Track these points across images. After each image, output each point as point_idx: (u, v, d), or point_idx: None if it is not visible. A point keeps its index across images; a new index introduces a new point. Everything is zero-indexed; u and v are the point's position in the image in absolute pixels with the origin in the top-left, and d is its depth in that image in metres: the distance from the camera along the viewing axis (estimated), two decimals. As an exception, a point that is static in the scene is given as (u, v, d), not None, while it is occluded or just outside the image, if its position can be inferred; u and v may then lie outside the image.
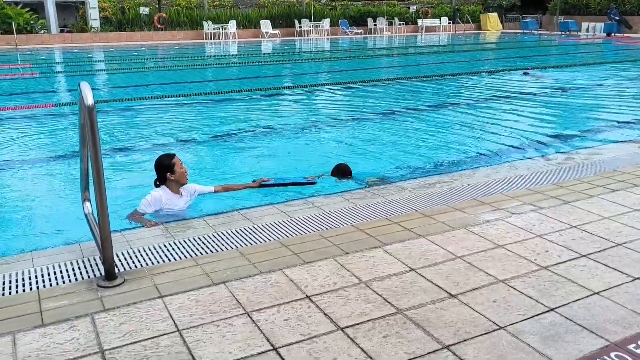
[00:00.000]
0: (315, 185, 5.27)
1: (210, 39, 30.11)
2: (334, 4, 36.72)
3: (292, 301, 2.70)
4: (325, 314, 2.58)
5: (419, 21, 35.92)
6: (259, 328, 2.48)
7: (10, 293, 2.84)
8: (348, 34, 33.17)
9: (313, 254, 3.22)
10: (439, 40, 30.39)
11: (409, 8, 37.11)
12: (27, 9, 28.72)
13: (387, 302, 2.69)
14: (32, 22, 28.61)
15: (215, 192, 5.00)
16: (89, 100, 2.67)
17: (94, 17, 29.56)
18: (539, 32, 34.79)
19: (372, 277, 2.94)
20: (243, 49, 25.84)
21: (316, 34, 32.69)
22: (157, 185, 4.63)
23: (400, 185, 4.70)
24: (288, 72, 17.41)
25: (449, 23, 36.37)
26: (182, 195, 4.70)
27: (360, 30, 33.92)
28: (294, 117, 9.71)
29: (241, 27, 31.89)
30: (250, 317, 2.57)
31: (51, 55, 23.31)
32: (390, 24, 34.98)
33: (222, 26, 30.47)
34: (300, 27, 32.51)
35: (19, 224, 4.60)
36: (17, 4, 29.09)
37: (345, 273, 2.98)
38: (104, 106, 10.58)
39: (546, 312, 2.58)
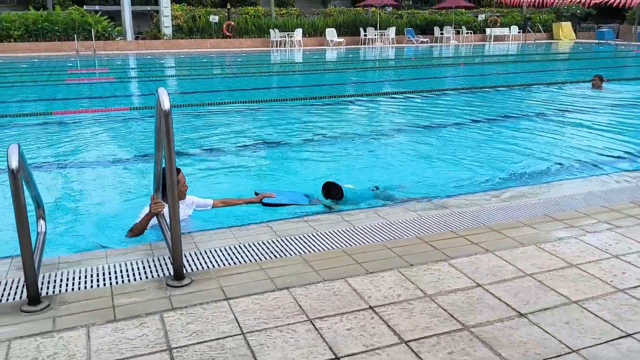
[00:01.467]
0: (317, 205, 4.92)
1: (276, 46, 30.64)
2: (400, 12, 36.51)
3: (355, 311, 2.68)
4: (388, 326, 2.55)
5: (488, 30, 35.12)
6: (321, 336, 2.47)
7: (85, 287, 2.98)
8: (414, 43, 32.89)
9: (376, 264, 3.19)
10: (508, 49, 29.60)
11: (477, 17, 36.37)
12: (106, 16, 30.25)
13: (453, 317, 2.63)
14: (109, 29, 30.08)
15: (213, 207, 4.76)
16: (166, 105, 2.77)
17: (166, 24, 30.75)
18: (616, 42, 33.24)
19: (437, 291, 2.88)
20: (308, 56, 26.12)
21: (381, 42, 32.61)
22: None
23: (467, 199, 4.59)
24: (351, 80, 17.44)
25: (519, 32, 35.35)
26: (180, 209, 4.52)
27: (427, 39, 33.56)
28: (355, 125, 9.70)
29: (307, 35, 32.28)
30: (313, 325, 2.57)
31: (126, 61, 24.40)
32: (458, 32, 34.42)
33: (288, 34, 30.96)
34: (365, 35, 32.55)
35: (94, 223, 4.81)
36: (96, 12, 30.74)
37: (409, 285, 2.94)
38: (175, 110, 10.95)
39: (623, 337, 2.45)
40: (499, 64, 21.82)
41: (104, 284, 3.01)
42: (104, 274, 3.13)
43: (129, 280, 3.05)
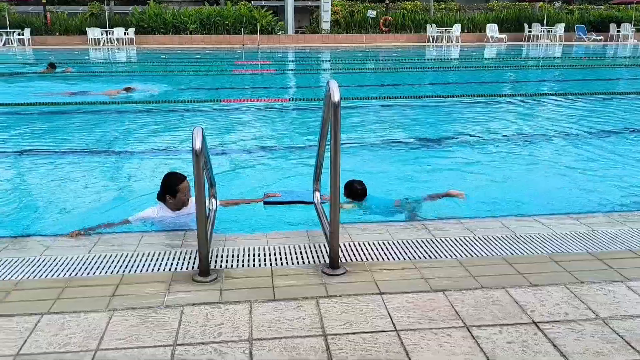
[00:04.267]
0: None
1: (433, 42, 30.09)
2: (570, 7, 33.84)
3: (517, 324, 2.52)
4: (554, 345, 2.35)
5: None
6: (479, 345, 2.36)
7: (248, 266, 3.16)
8: (585, 41, 30.28)
9: (541, 277, 2.97)
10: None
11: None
12: (270, 11, 31.99)
13: (630, 345, 2.35)
14: (272, 23, 31.79)
15: (221, 205, 4.54)
16: (336, 97, 2.82)
17: (325, 19, 31.71)
18: None
19: (612, 314, 2.60)
20: (465, 53, 25.28)
21: (547, 39, 30.49)
22: (158, 198, 4.42)
23: (647, 214, 4.10)
24: (510, 78, 16.53)
25: None
26: (181, 212, 4.44)
27: (600, 37, 30.70)
28: (506, 126, 9.16)
29: (465, 31, 31.26)
30: (470, 332, 2.46)
31: (286, 54, 25.61)
32: (638, 30, 31.00)
33: (445, 29, 30.24)
34: (529, 31, 30.66)
35: (255, 207, 5.09)
36: (262, 7, 32.62)
37: (579, 304, 2.69)
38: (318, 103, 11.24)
39: None
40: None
41: (265, 265, 3.17)
42: (264, 255, 3.30)
43: (287, 264, 3.18)
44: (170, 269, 3.11)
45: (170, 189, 4.32)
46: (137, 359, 2.27)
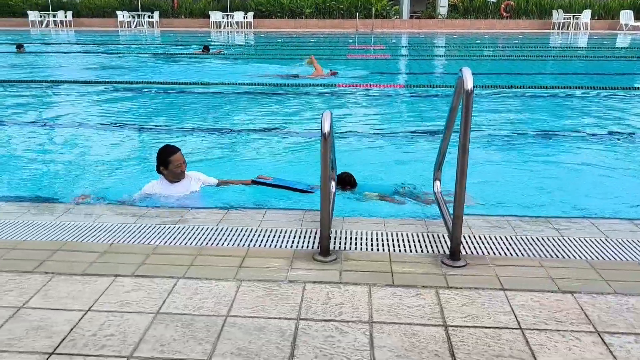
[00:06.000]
0: (312, 194, 4.68)
1: (558, 29, 28.26)
2: None
3: (656, 335, 2.34)
4: (700, 363, 2.16)
5: None
6: (611, 353, 2.23)
7: (366, 249, 3.20)
8: None
9: (685, 288, 2.73)
10: None
11: None
12: (387, -5, 31.69)
13: None
14: (387, 8, 31.47)
15: (218, 185, 4.89)
16: (469, 84, 2.75)
17: (442, 4, 30.84)
18: None
19: None
20: (594, 41, 23.49)
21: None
22: (157, 171, 4.63)
23: None
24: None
25: None
26: (178, 184, 4.62)
27: None
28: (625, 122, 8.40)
29: (595, 17, 29.00)
30: (602, 338, 2.33)
31: (399, 39, 25.29)
32: None
33: (573, 15, 28.26)
34: (671, 19, 27.84)
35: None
36: (378, -10, 32.36)
37: None
38: (434, 90, 10.99)
39: None
40: None
41: (383, 249, 3.19)
42: (382, 240, 3.32)
43: (405, 251, 3.18)
44: (292, 246, 3.23)
45: (163, 160, 4.53)
46: (264, 328, 2.39)
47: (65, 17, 32.79)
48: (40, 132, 7.94)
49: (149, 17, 32.32)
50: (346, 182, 4.94)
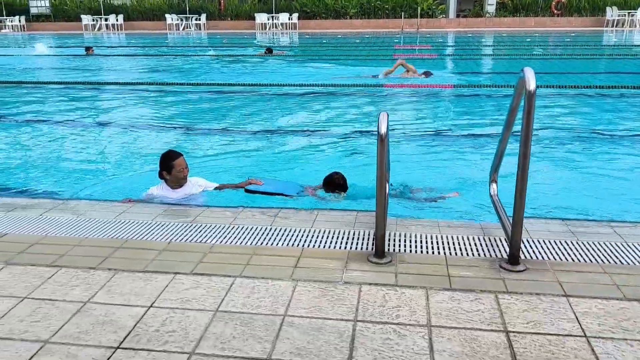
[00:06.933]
0: (306, 197, 4.81)
1: (612, 26, 27.28)
2: None
3: None
4: None
5: None
6: (685, 365, 2.13)
7: (421, 252, 3.17)
8: None
9: None
10: None
11: None
12: (432, -5, 31.31)
13: None
14: (433, 7, 31.08)
15: (216, 189, 4.93)
16: (531, 85, 2.68)
17: (490, 2, 30.26)
18: None
19: None
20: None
21: None
22: (159, 176, 4.72)
23: None
24: None
25: None
26: (180, 189, 4.70)
27: None
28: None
29: (652, 14, 27.86)
30: (674, 350, 2.23)
31: (446, 38, 24.94)
32: None
33: (629, 12, 27.22)
34: None
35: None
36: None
37: None
38: (484, 90, 10.78)
39: None
40: None
41: (438, 252, 3.15)
42: (437, 243, 3.28)
43: (461, 254, 3.13)
44: (346, 247, 3.23)
45: (166, 165, 4.61)
46: (321, 328, 2.40)
47: (117, 20, 33.81)
48: (107, 132, 8.19)
49: (196, 19, 32.98)
50: (337, 185, 4.85)
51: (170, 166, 4.61)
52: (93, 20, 33.99)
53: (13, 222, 3.67)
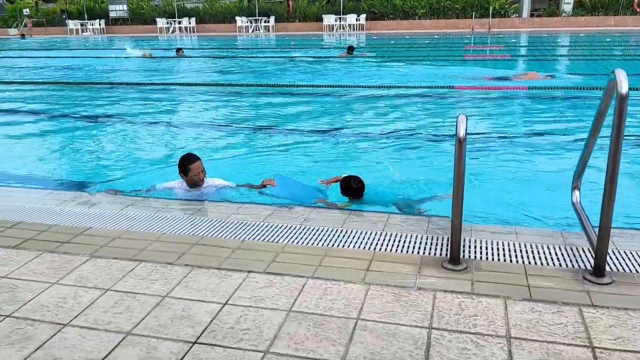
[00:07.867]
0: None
1: (702, 24, 25.52)
2: None
3: None
4: None
5: None
6: None
7: (498, 260, 3.06)
8: None
9: None
10: None
11: None
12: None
13: None
14: (506, 6, 30.15)
15: (235, 187, 5.03)
16: (624, 88, 2.53)
17: (567, 1, 29.01)
18: None
19: None
20: None
21: None
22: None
23: None
24: None
25: None
26: (195, 189, 4.80)
27: None
28: None
29: None
30: None
31: (519, 38, 24.13)
32: None
33: None
34: None
35: (506, 200, 4.91)
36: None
37: None
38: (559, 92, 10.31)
39: None
40: None
41: (517, 261, 3.03)
42: (515, 251, 3.16)
43: (542, 263, 2.99)
44: (418, 252, 3.17)
45: (183, 168, 4.75)
46: (395, 334, 2.36)
47: (190, 23, 34.96)
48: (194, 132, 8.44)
49: (265, 21, 33.57)
50: (354, 191, 4.63)
51: (187, 169, 4.75)
52: (167, 23, 35.30)
53: (96, 217, 3.85)
